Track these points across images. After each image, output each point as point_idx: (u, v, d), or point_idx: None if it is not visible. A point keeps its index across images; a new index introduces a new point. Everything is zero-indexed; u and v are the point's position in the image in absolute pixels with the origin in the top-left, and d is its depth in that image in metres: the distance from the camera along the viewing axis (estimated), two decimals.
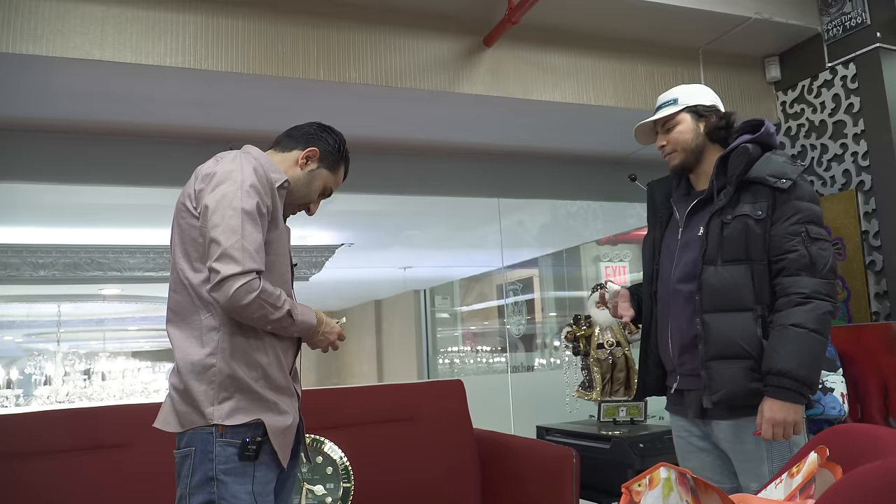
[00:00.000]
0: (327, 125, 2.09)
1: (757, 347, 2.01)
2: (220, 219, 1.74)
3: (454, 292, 11.03)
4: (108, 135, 3.58)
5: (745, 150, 2.10)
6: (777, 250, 2.03)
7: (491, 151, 4.40)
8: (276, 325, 1.81)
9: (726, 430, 2.09)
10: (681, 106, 2.22)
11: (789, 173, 2.05)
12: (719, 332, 2.05)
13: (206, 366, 1.78)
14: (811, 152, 3.83)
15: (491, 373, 9.89)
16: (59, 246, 6.40)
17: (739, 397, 2.02)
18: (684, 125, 2.21)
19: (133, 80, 2.99)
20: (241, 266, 1.71)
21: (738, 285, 2.05)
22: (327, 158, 2.05)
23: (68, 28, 2.72)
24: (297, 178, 2.00)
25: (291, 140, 2.03)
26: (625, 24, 3.59)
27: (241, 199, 1.76)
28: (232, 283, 1.70)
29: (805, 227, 2.02)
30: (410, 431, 3.20)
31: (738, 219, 2.06)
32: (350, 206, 5.53)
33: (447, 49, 3.34)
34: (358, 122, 3.70)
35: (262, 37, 3.01)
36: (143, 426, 2.67)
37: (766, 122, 2.17)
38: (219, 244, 1.72)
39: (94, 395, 10.13)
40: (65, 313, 9.80)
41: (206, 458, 1.75)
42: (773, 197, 2.05)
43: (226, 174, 1.80)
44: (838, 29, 3.67)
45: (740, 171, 2.09)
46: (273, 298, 1.76)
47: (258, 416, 1.80)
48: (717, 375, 2.04)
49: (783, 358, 1.94)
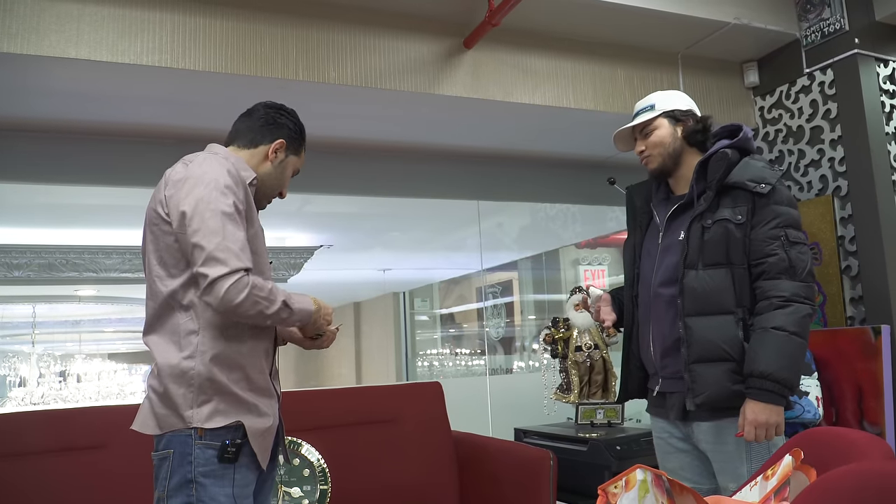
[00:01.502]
0: (277, 105, 2.06)
1: (738, 350, 2.04)
2: (199, 223, 1.73)
3: (433, 295, 11.03)
4: (84, 134, 3.54)
5: (724, 155, 2.13)
6: (757, 254, 2.06)
7: (471, 153, 4.40)
8: (275, 318, 1.80)
9: (707, 432, 2.11)
10: (658, 111, 2.25)
11: (768, 178, 2.08)
12: (702, 336, 2.07)
13: (185, 369, 1.76)
14: (788, 157, 3.87)
15: (470, 375, 9.89)
16: (33, 246, 6.32)
17: (722, 399, 2.05)
18: (662, 130, 2.24)
19: (109, 79, 2.96)
20: (228, 266, 1.70)
21: (720, 289, 2.08)
22: (293, 144, 2.05)
23: (43, 26, 2.69)
24: (269, 172, 2.00)
25: (253, 133, 2.00)
26: (605, 28, 3.60)
27: (217, 200, 1.75)
28: (221, 285, 1.69)
29: (784, 231, 2.05)
30: (389, 433, 3.19)
31: (719, 223, 2.09)
32: (329, 207, 5.51)
33: (427, 50, 3.34)
34: (337, 123, 3.68)
35: (240, 36, 2.99)
36: (119, 428, 2.65)
37: (744, 127, 2.21)
38: (202, 248, 1.71)
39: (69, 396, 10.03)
40: (40, 314, 9.69)
41: (185, 461, 1.74)
42: (753, 201, 2.08)
43: (198, 177, 1.78)
44: (817, 35, 3.70)
45: (720, 176, 2.11)
46: (265, 292, 1.76)
47: (238, 419, 1.79)
48: (700, 378, 2.07)
49: (765, 360, 1.97)
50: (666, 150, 2.23)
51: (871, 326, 3.19)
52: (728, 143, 2.16)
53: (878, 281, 3.40)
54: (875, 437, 1.53)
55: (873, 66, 3.56)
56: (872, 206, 3.44)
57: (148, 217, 1.87)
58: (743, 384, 2.01)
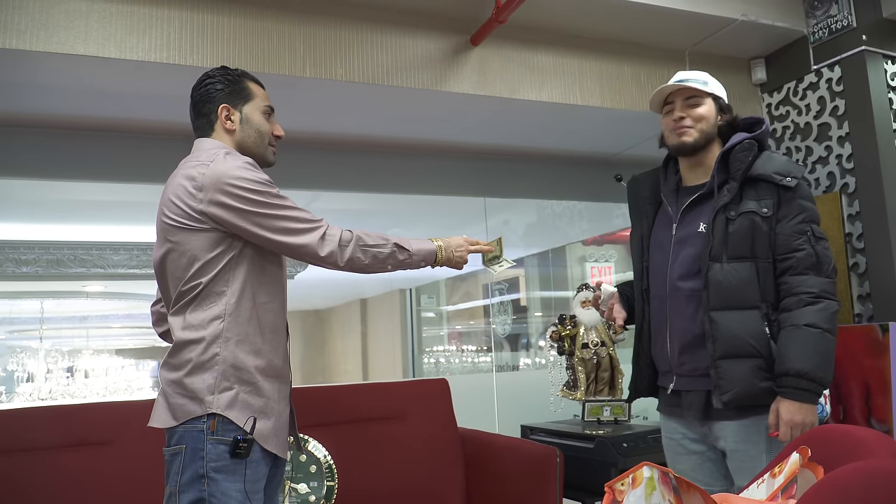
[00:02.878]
0: (201, 77, 2.02)
1: (765, 346, 2.00)
2: (264, 210, 1.82)
3: (440, 291, 11.02)
4: (93, 130, 3.55)
5: (751, 145, 2.09)
6: (783, 249, 2.02)
7: (477, 150, 4.40)
8: (392, 260, 1.95)
9: (733, 430, 2.06)
10: (710, 91, 2.19)
11: (794, 172, 2.05)
12: (728, 330, 2.02)
13: (211, 355, 1.79)
14: (796, 154, 3.86)
15: (476, 372, 9.88)
16: (42, 242, 6.35)
17: (750, 396, 2.00)
18: (708, 109, 2.18)
19: (117, 76, 2.97)
20: (320, 227, 1.87)
21: (745, 283, 2.03)
22: (236, 98, 2.00)
23: (52, 22, 2.70)
24: (239, 138, 1.99)
25: (202, 118, 2.00)
26: (612, 25, 3.59)
27: (260, 186, 1.83)
28: (324, 246, 1.85)
29: (810, 227, 2.02)
30: (395, 430, 3.19)
31: (744, 215, 2.05)
32: (336, 204, 5.50)
33: (434, 47, 3.34)
34: (344, 120, 3.69)
35: (247, 32, 3.00)
36: (127, 423, 2.66)
37: (765, 120, 2.17)
38: (284, 226, 1.83)
39: (76, 392, 10.05)
40: (48, 310, 9.72)
41: (197, 456, 1.75)
42: (778, 195, 2.04)
43: (232, 173, 1.82)
44: (824, 31, 3.69)
45: (744, 168, 2.07)
46: (372, 240, 1.92)
47: (253, 415, 1.81)
48: (727, 374, 2.01)
49: (799, 359, 1.93)
50: (706, 128, 2.16)
51: (879, 324, 3.17)
52: (750, 135, 2.12)
53: (886, 278, 3.38)
54: (883, 434, 1.52)
55: (881, 62, 3.55)
56: (880, 203, 3.42)
57: (166, 215, 1.87)
58: (771, 381, 1.98)
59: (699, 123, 2.16)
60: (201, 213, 1.81)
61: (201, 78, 2.02)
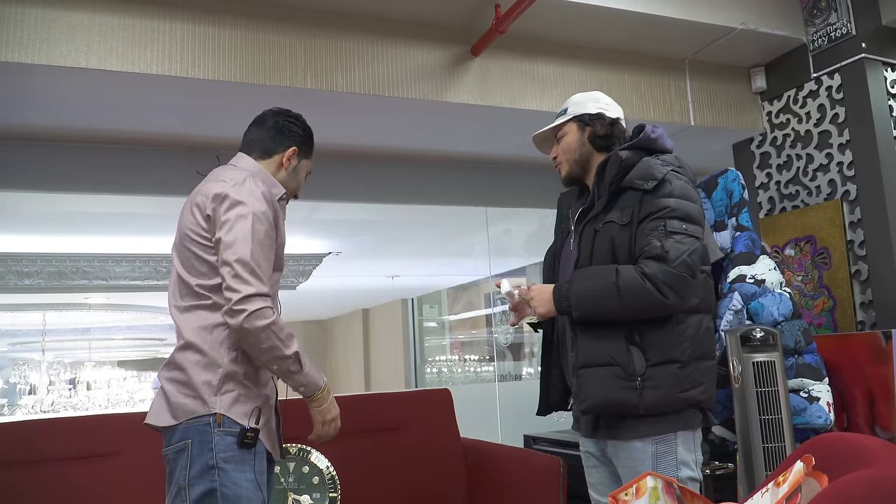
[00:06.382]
0: (284, 112, 2.14)
1: (623, 354, 1.94)
2: (236, 245, 1.81)
3: (442, 301, 11.02)
4: (94, 143, 3.56)
5: (617, 157, 2.05)
6: (638, 251, 1.96)
7: (478, 160, 4.41)
8: (283, 363, 1.84)
9: (614, 449, 2.05)
10: (569, 116, 2.19)
11: (655, 173, 1.99)
12: (586, 342, 2.00)
13: (214, 358, 1.84)
14: (797, 162, 3.86)
15: (478, 382, 9.88)
16: (44, 254, 6.36)
17: (610, 405, 1.96)
18: (570, 136, 2.18)
19: (119, 89, 2.98)
20: (254, 288, 1.78)
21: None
22: (303, 149, 2.14)
23: (54, 36, 2.71)
24: (284, 178, 2.09)
25: (265, 142, 2.09)
26: (612, 34, 3.60)
27: (255, 228, 1.84)
28: (248, 305, 1.76)
29: (664, 222, 1.94)
30: (398, 441, 3.19)
31: (606, 226, 2.02)
32: (338, 214, 5.51)
33: (434, 58, 3.35)
34: (345, 131, 3.70)
35: (249, 45, 3.01)
36: (132, 435, 2.66)
37: (647, 126, 2.11)
38: (232, 268, 1.79)
39: (79, 404, 10.06)
40: (50, 322, 9.73)
41: (206, 448, 1.79)
42: (641, 200, 1.99)
43: (239, 202, 1.87)
44: (823, 39, 3.70)
45: (612, 179, 2.03)
46: (284, 335, 1.82)
47: (256, 404, 1.87)
48: (585, 383, 1.98)
49: (578, 282, 1.97)
50: (572, 156, 2.17)
51: (882, 331, 3.17)
52: (626, 145, 2.09)
53: (889, 285, 3.38)
54: (887, 442, 1.52)
55: (881, 70, 3.55)
56: (882, 210, 3.42)
57: (188, 227, 1.93)
58: (632, 390, 1.91)
59: (565, 155, 2.19)
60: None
61: (286, 111, 2.14)
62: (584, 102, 2.20)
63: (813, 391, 3.03)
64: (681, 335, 1.96)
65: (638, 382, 1.92)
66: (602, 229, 2.02)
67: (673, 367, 1.93)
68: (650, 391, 1.91)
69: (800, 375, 3.00)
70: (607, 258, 2.00)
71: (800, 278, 3.75)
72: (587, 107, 2.19)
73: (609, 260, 1.99)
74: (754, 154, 4.14)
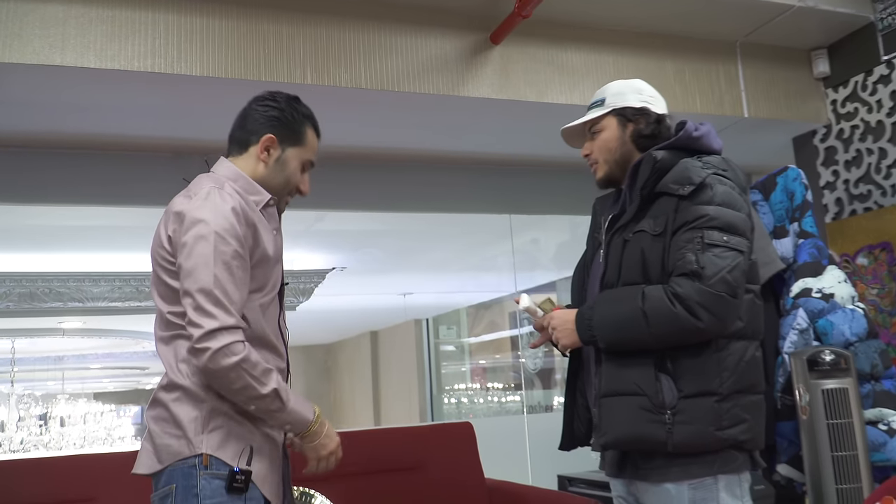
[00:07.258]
0: (266, 95, 2.04)
1: (651, 384, 1.91)
2: (192, 266, 1.77)
3: (461, 321, 11.02)
4: (70, 148, 3.60)
5: (650, 157, 2.00)
6: (671, 265, 1.92)
7: (501, 162, 4.41)
8: (261, 403, 1.80)
9: (644, 492, 1.99)
10: (607, 108, 2.14)
11: (693, 177, 1.95)
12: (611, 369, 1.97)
13: (195, 393, 1.80)
14: (867, 157, 3.83)
15: (504, 414, 9.86)
16: (13, 274, 6.42)
17: (630, 441, 1.93)
18: (608, 132, 2.14)
19: (97, 87, 3.01)
20: (218, 321, 1.72)
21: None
22: (287, 135, 2.01)
23: (27, 31, 2.74)
24: (266, 174, 1.98)
25: (239, 133, 2.01)
26: (650, 16, 3.61)
27: (217, 250, 1.78)
28: (212, 342, 1.71)
29: (701, 233, 1.90)
30: (413, 482, 3.18)
31: (637, 236, 1.98)
32: (342, 225, 5.54)
33: (450, 48, 3.36)
34: (351, 131, 3.71)
35: (240, 36, 3.03)
36: (110, 478, 2.67)
37: (689, 123, 2.08)
38: (194, 298, 1.74)
39: (51, 442, 10.11)
40: (19, 350, 9.81)
41: (191, 494, 1.75)
42: (676, 207, 1.95)
43: (197, 219, 1.80)
44: (894, 18, 3.68)
45: (645, 182, 2.00)
46: (258, 371, 1.77)
47: (249, 443, 1.82)
48: (606, 414, 1.96)
49: (600, 307, 1.97)
50: (612, 155, 2.12)
51: None
52: (662, 144, 2.04)
53: None
54: None
55: None
56: None
57: (154, 249, 1.90)
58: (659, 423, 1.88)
59: (602, 154, 2.14)
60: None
61: (264, 94, 2.05)
62: (624, 93, 2.15)
63: (893, 423, 2.99)
64: (720, 363, 1.91)
65: (667, 416, 1.87)
66: (632, 239, 1.99)
67: (709, 401, 1.88)
68: (681, 427, 1.86)
69: (878, 405, 2.96)
70: (637, 273, 1.96)
71: (875, 291, 3.72)
72: (628, 99, 2.14)
73: (639, 275, 1.96)
74: (818, 149, 4.12)
